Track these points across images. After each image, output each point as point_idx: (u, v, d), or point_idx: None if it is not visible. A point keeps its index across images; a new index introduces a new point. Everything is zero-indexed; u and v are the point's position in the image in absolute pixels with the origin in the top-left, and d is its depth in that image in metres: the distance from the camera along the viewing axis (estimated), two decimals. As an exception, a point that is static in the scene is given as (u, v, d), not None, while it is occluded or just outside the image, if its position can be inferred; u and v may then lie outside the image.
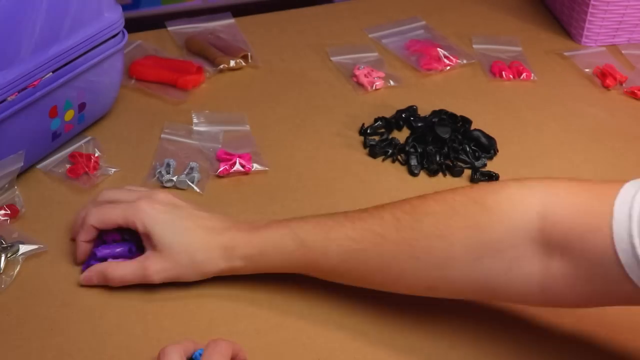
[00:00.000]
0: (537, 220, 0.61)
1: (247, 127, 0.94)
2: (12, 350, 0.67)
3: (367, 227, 0.67)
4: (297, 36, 1.14)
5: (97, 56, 0.87)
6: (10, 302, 0.71)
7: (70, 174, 0.85)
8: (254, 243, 0.70)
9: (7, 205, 0.80)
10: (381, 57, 1.09)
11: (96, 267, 0.72)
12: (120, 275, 0.71)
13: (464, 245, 0.63)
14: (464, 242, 0.63)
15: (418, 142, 0.91)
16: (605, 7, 1.10)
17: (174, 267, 0.70)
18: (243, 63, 1.06)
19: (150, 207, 0.71)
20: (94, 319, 0.70)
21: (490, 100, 1.02)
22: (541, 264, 0.61)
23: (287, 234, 0.69)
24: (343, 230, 0.67)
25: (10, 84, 0.77)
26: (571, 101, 1.02)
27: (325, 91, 1.03)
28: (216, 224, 0.71)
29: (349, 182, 0.87)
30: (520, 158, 0.92)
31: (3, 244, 0.75)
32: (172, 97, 0.99)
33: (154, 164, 0.87)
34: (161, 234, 0.70)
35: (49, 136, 0.85)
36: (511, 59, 1.09)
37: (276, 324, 0.70)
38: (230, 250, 0.70)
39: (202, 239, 0.70)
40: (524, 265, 0.62)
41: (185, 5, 1.27)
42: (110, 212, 0.71)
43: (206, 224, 0.71)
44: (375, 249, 0.66)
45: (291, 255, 0.69)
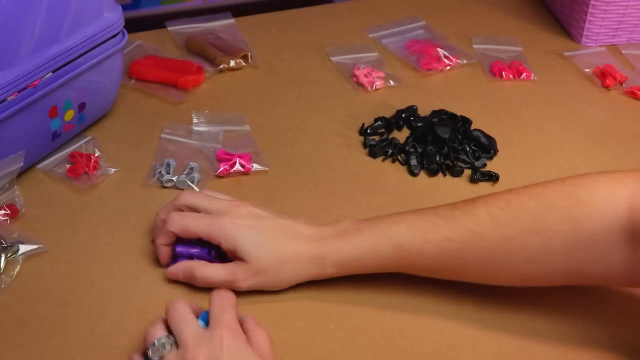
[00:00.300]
0: (626, 209, 0.64)
1: (247, 127, 0.94)
2: (12, 350, 0.67)
3: (463, 226, 0.68)
4: (297, 36, 1.14)
5: (97, 56, 0.87)
6: (10, 302, 0.71)
7: (70, 174, 0.85)
8: (347, 250, 0.70)
9: (7, 205, 0.80)
10: (381, 57, 1.09)
11: (185, 264, 0.72)
12: (207, 277, 0.71)
13: (560, 239, 0.65)
14: (561, 236, 0.65)
15: (418, 142, 0.91)
16: (605, 7, 1.10)
17: (264, 277, 0.70)
18: (243, 63, 1.06)
19: (233, 223, 0.70)
20: (94, 319, 0.70)
21: (490, 100, 1.02)
22: (630, 251, 0.64)
23: (382, 239, 0.69)
24: (439, 231, 0.68)
25: (10, 84, 0.77)
26: (571, 101, 1.02)
27: (325, 91, 1.03)
28: (304, 232, 0.71)
29: (349, 182, 0.87)
30: (520, 158, 0.92)
31: (3, 244, 0.75)
32: (172, 97, 0.99)
33: (154, 164, 0.87)
34: (248, 249, 0.70)
35: (49, 136, 0.85)
36: (511, 59, 1.09)
37: (276, 324, 0.70)
38: (321, 259, 0.70)
39: (290, 248, 0.70)
40: (614, 252, 0.65)
41: (185, 5, 1.27)
42: (194, 225, 0.71)
43: (293, 233, 0.71)
44: (472, 247, 0.68)
45: (388, 258, 0.70)
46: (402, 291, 0.74)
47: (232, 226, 0.70)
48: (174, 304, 0.63)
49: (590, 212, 0.65)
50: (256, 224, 0.71)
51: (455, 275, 0.71)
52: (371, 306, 0.72)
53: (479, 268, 0.69)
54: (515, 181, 0.88)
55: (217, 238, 0.70)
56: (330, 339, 0.69)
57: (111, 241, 0.78)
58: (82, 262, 0.76)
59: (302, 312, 0.71)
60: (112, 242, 0.78)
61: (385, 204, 0.84)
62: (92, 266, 0.75)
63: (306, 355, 0.68)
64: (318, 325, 0.70)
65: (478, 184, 0.88)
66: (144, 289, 0.73)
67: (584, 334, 0.70)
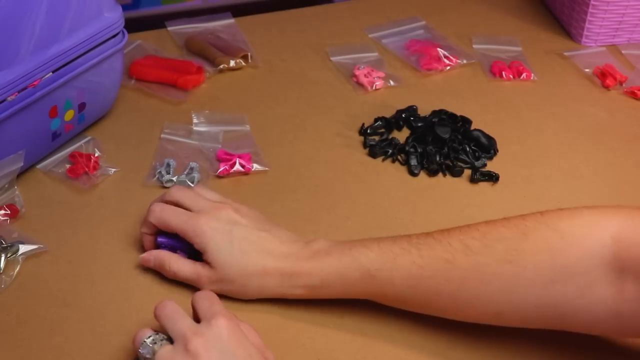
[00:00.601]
0: (611, 244, 0.61)
1: (247, 127, 0.94)
2: (12, 350, 0.67)
3: (434, 254, 0.65)
4: (297, 36, 1.14)
5: (97, 56, 0.87)
6: (10, 302, 0.71)
7: (70, 174, 0.85)
8: (315, 273, 0.68)
9: (7, 205, 0.80)
10: (381, 57, 1.09)
11: (158, 253, 0.73)
12: (176, 270, 0.71)
13: (535, 270, 0.63)
14: (536, 267, 0.63)
15: (418, 142, 0.91)
16: (605, 7, 1.10)
17: (227, 286, 0.70)
18: (243, 63, 1.06)
19: (208, 225, 0.70)
20: (94, 319, 0.70)
21: (490, 100, 1.02)
22: (614, 289, 0.61)
23: (351, 263, 0.67)
24: (409, 258, 0.66)
25: (10, 84, 0.77)
26: (571, 101, 1.02)
27: (325, 91, 1.03)
28: (275, 247, 0.70)
29: (349, 182, 0.87)
30: (520, 158, 0.92)
31: (3, 244, 0.75)
32: (172, 97, 0.99)
33: (154, 164, 0.87)
34: (216, 256, 0.69)
35: (49, 136, 0.85)
36: (511, 59, 1.09)
37: (276, 324, 0.70)
38: (288, 279, 0.69)
39: (258, 263, 0.69)
40: (596, 290, 0.61)
41: (185, 5, 1.27)
42: (171, 218, 0.72)
43: (265, 247, 0.70)
44: (443, 275, 0.65)
45: (355, 284, 0.68)
46: (402, 291, 0.74)
47: (207, 228, 0.70)
48: (162, 303, 0.62)
49: (571, 243, 0.62)
50: (231, 230, 0.70)
51: (425, 306, 0.68)
52: (371, 306, 0.72)
53: (450, 298, 0.66)
54: (515, 181, 0.88)
55: (190, 237, 0.70)
56: (330, 339, 0.69)
57: (111, 241, 0.78)
58: (82, 262, 0.76)
59: (302, 312, 0.71)
60: (112, 242, 0.78)
61: (385, 204, 0.84)
62: (92, 266, 0.75)
63: (306, 355, 0.68)
64: (318, 325, 0.70)
65: (478, 184, 0.88)
66: (144, 289, 0.73)
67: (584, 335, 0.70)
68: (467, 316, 0.67)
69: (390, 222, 0.82)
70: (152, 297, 0.72)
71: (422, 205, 0.85)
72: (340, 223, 0.81)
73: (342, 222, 0.82)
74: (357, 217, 0.82)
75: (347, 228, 0.81)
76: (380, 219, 0.82)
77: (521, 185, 0.88)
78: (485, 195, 0.85)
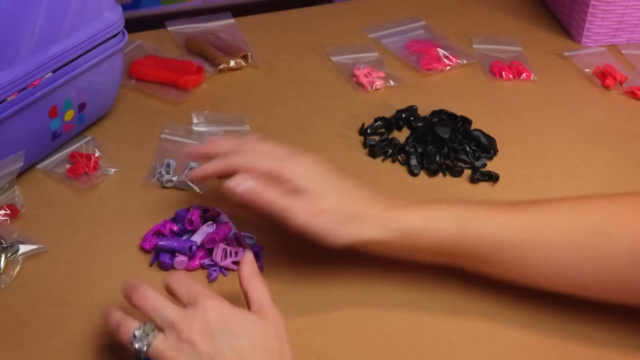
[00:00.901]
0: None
1: (247, 127, 0.94)
2: (12, 350, 0.67)
3: (525, 220, 0.67)
4: (297, 36, 1.14)
5: (97, 56, 0.87)
6: (10, 302, 0.71)
7: (70, 174, 0.85)
8: (410, 218, 0.68)
9: (7, 205, 0.80)
10: (381, 57, 1.09)
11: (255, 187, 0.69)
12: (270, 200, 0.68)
13: (624, 244, 0.64)
14: (625, 242, 0.64)
15: (418, 142, 0.91)
16: (605, 7, 1.10)
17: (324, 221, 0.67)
18: (243, 63, 1.06)
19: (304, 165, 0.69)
20: (94, 319, 0.70)
21: (490, 100, 1.02)
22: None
23: (448, 215, 0.68)
24: (501, 220, 0.68)
25: (10, 84, 0.77)
26: (571, 101, 1.02)
27: (325, 91, 1.03)
28: (372, 194, 0.70)
29: (349, 182, 0.87)
30: (520, 158, 0.92)
31: (3, 244, 0.75)
32: (172, 97, 0.99)
33: (154, 164, 0.87)
34: (316, 187, 0.68)
35: (49, 136, 0.85)
36: (511, 59, 1.09)
37: (276, 324, 0.70)
38: (382, 220, 0.68)
39: (357, 202, 0.69)
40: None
41: (185, 5, 1.27)
42: (262, 161, 0.70)
43: (361, 190, 0.70)
44: (531, 241, 0.66)
45: (448, 237, 0.67)
46: (402, 291, 0.74)
47: (302, 167, 0.69)
48: (139, 291, 0.60)
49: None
50: (327, 172, 0.70)
51: (506, 271, 0.69)
52: (371, 306, 0.72)
53: (534, 265, 0.67)
54: (515, 181, 0.88)
55: (287, 171, 0.68)
56: (330, 339, 0.69)
57: (111, 241, 0.78)
58: (82, 262, 0.76)
59: (302, 312, 0.71)
60: (112, 242, 0.78)
61: (385, 204, 0.84)
62: (92, 266, 0.75)
63: (306, 355, 0.68)
64: (318, 325, 0.70)
65: (478, 184, 0.88)
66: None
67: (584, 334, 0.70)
68: (548, 283, 0.68)
69: (390, 222, 0.82)
70: (152, 297, 0.72)
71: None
72: (340, 223, 0.81)
73: (342, 222, 0.81)
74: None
75: (347, 228, 0.81)
76: (380, 219, 0.82)
77: (521, 185, 0.88)
78: (485, 195, 0.85)
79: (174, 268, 0.75)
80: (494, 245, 0.67)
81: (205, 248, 0.76)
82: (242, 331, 0.59)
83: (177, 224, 0.78)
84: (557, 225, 0.66)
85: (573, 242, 0.66)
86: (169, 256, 0.74)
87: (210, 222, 0.78)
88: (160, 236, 0.77)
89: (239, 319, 0.60)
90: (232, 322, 0.59)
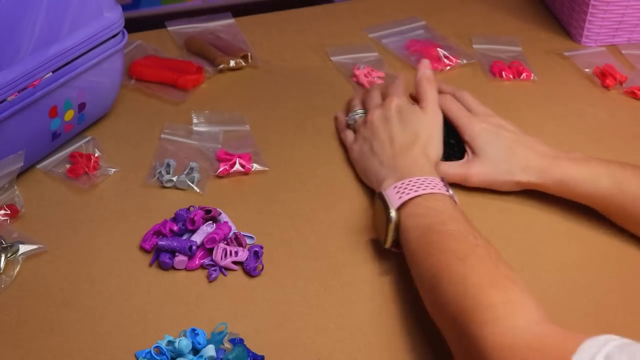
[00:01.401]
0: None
1: (247, 127, 0.94)
2: (12, 350, 0.67)
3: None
4: (297, 36, 1.14)
5: (97, 56, 0.87)
6: (10, 302, 0.71)
7: (70, 174, 0.85)
8: (572, 171, 0.80)
9: (7, 205, 0.80)
10: (381, 57, 1.09)
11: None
12: (444, 172, 0.83)
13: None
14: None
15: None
16: (605, 7, 1.10)
17: (492, 174, 0.83)
18: (243, 63, 1.06)
19: (480, 126, 0.84)
20: (94, 319, 0.70)
21: (490, 100, 1.01)
22: None
23: (604, 172, 0.79)
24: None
25: (10, 84, 0.77)
26: (571, 101, 1.02)
27: (325, 91, 1.03)
28: (536, 145, 0.83)
29: (349, 182, 0.87)
30: (520, 158, 0.92)
31: (3, 244, 0.75)
32: (172, 97, 0.99)
33: (154, 164, 0.87)
34: (484, 147, 0.83)
35: (48, 136, 0.85)
36: (511, 59, 1.09)
37: (276, 324, 0.70)
38: (546, 171, 0.81)
39: (522, 155, 0.82)
40: None
41: (185, 5, 1.27)
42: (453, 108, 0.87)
43: (528, 144, 0.83)
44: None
45: (603, 193, 0.79)
46: (402, 291, 0.74)
47: (479, 128, 0.84)
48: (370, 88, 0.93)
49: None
50: (499, 131, 0.84)
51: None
52: (370, 306, 0.72)
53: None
54: (515, 181, 0.88)
55: (463, 132, 0.85)
56: (330, 339, 0.69)
57: (111, 241, 0.78)
58: (82, 262, 0.76)
59: (302, 312, 0.71)
60: (112, 242, 0.78)
61: (385, 204, 0.84)
62: (92, 266, 0.75)
63: (306, 355, 0.68)
64: (318, 325, 0.70)
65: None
66: (144, 289, 0.73)
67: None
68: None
69: (390, 222, 0.82)
70: (152, 297, 0.72)
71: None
72: (340, 223, 0.81)
73: (342, 222, 0.82)
74: (357, 217, 0.82)
75: (347, 228, 0.81)
76: (380, 219, 0.82)
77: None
78: (485, 195, 0.85)
79: (174, 268, 0.75)
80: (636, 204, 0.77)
81: (205, 248, 0.76)
82: (408, 119, 0.84)
83: (177, 223, 0.78)
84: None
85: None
86: (169, 256, 0.74)
87: (210, 222, 0.78)
88: (160, 236, 0.77)
89: (409, 112, 0.84)
90: (404, 113, 0.84)
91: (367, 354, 0.68)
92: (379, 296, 0.73)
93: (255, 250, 0.76)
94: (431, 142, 0.82)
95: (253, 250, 0.75)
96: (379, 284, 0.75)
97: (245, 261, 0.75)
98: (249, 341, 0.67)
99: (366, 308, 0.72)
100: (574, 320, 0.71)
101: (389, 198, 0.74)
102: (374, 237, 0.79)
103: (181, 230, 0.78)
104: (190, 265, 0.75)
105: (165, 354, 0.65)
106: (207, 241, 0.76)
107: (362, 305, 0.72)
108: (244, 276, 0.75)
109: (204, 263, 0.75)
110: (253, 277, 0.75)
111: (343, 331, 0.70)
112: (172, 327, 0.69)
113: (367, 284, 0.75)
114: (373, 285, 0.74)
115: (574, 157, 0.81)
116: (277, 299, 0.72)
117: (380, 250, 0.78)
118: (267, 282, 0.74)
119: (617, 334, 0.53)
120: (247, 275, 0.75)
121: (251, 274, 0.75)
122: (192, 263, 0.75)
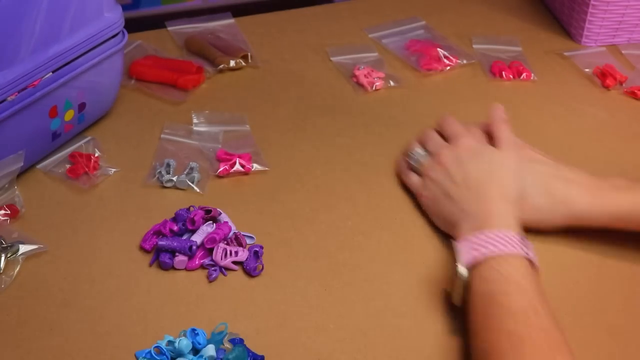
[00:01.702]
0: None
1: (247, 127, 0.94)
2: (12, 350, 0.67)
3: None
4: (297, 36, 1.14)
5: (97, 56, 0.87)
6: (10, 302, 0.71)
7: (70, 174, 0.85)
8: (622, 203, 0.75)
9: (7, 205, 0.80)
10: (381, 57, 1.09)
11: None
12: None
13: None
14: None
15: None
16: (605, 7, 1.10)
17: (537, 214, 0.76)
18: (243, 63, 1.06)
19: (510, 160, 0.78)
20: (94, 319, 0.70)
21: (490, 100, 1.01)
22: None
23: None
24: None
25: (10, 84, 0.77)
26: (571, 101, 1.02)
27: (325, 91, 1.03)
28: (577, 176, 0.77)
29: (349, 182, 0.87)
30: (520, 158, 0.92)
31: (3, 244, 0.75)
32: (172, 97, 0.99)
33: (154, 164, 0.87)
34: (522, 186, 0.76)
35: (49, 136, 0.85)
36: (511, 59, 1.09)
37: (276, 324, 0.70)
38: (595, 207, 0.75)
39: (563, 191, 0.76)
40: None
41: (185, 5, 1.27)
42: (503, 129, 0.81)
43: (568, 176, 0.77)
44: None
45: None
46: (402, 291, 0.74)
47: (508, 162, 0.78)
48: (425, 130, 0.85)
49: None
50: (533, 166, 0.78)
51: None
52: (371, 306, 0.72)
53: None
54: (515, 181, 0.88)
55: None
56: (330, 339, 0.69)
57: (111, 241, 0.78)
58: (82, 262, 0.76)
59: (302, 312, 0.71)
60: (112, 242, 0.78)
61: (385, 205, 0.84)
62: (92, 266, 0.75)
63: (306, 355, 0.68)
64: (318, 325, 0.70)
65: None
66: (144, 289, 0.73)
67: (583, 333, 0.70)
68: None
69: (390, 223, 0.82)
70: (152, 297, 0.72)
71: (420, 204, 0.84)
72: (340, 223, 0.81)
73: (342, 222, 0.82)
74: (357, 217, 0.82)
75: (347, 228, 0.81)
76: (380, 219, 0.82)
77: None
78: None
79: (174, 268, 0.75)
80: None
81: (205, 248, 0.76)
82: (482, 159, 0.78)
83: (177, 223, 0.78)
84: None
85: None
86: (169, 256, 0.74)
87: (210, 222, 0.78)
88: (160, 236, 0.77)
89: (484, 151, 0.79)
90: (477, 153, 0.78)
91: (367, 354, 0.68)
92: (379, 296, 0.73)
93: (255, 250, 0.76)
94: (510, 182, 0.75)
95: (253, 250, 0.76)
96: (379, 284, 0.75)
97: (245, 261, 0.75)
98: (249, 341, 0.67)
99: (366, 308, 0.72)
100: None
101: (460, 252, 0.70)
102: (373, 237, 0.79)
103: (181, 230, 0.78)
104: (190, 265, 0.75)
105: (165, 354, 0.65)
106: (207, 241, 0.76)
107: (362, 305, 0.72)
108: (244, 276, 0.75)
109: (204, 263, 0.75)
110: (253, 277, 0.75)
111: (343, 331, 0.70)
112: (172, 327, 0.69)
113: (367, 284, 0.75)
114: (373, 285, 0.74)
115: (617, 186, 0.76)
116: (277, 299, 0.72)
117: (380, 250, 0.78)
118: (267, 282, 0.74)
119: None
120: (247, 275, 0.75)
121: (251, 274, 0.75)
122: (192, 263, 0.75)
